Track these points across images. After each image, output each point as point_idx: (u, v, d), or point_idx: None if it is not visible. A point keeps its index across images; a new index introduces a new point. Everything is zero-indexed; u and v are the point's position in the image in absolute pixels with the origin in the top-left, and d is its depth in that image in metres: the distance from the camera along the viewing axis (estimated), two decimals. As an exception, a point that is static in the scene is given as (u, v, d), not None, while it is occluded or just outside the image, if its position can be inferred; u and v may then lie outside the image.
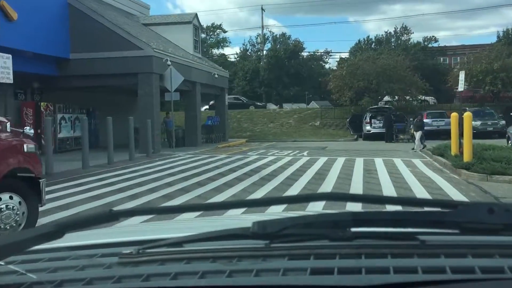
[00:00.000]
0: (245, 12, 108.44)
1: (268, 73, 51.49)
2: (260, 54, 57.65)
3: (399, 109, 32.35)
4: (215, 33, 61.50)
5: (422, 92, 35.48)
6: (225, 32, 63.00)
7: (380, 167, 13.75)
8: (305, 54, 56.20)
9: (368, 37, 56.32)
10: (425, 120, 25.40)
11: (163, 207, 1.54)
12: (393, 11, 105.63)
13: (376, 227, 0.97)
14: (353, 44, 54.13)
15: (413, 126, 22.13)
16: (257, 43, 60.44)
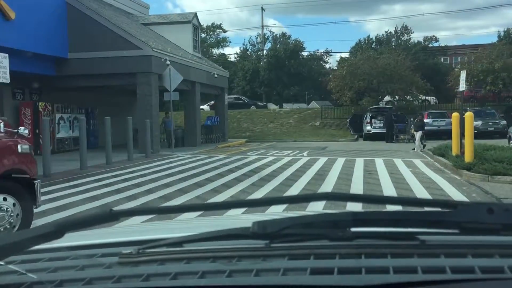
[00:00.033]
0: (245, 12, 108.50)
1: (268, 73, 51.45)
2: (260, 54, 57.64)
3: (400, 109, 32.31)
4: (215, 33, 61.51)
5: (423, 92, 35.42)
6: (225, 32, 63.12)
7: (380, 168, 13.73)
8: (305, 54, 56.23)
9: (369, 37, 56.25)
10: (425, 120, 25.35)
11: (163, 207, 1.54)
12: (394, 11, 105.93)
13: (376, 227, 0.97)
14: (354, 44, 54.16)
15: (413, 126, 22.09)
16: (257, 43, 60.52)
